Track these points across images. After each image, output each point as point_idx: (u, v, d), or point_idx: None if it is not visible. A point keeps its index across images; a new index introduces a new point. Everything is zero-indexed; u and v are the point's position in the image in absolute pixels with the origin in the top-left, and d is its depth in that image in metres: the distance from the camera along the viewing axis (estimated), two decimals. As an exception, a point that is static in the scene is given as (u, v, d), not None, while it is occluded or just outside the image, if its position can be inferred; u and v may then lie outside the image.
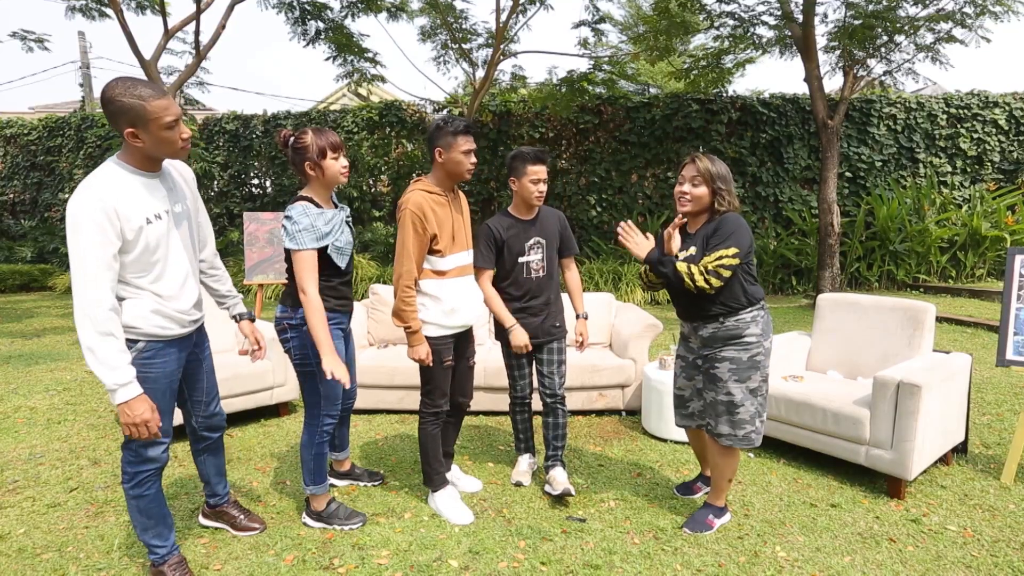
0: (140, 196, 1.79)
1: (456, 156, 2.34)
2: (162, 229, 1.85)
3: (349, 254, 2.36)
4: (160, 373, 1.91)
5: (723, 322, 2.25)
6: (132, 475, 1.95)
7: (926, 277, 8.69)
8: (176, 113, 1.76)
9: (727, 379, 2.25)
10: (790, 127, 9.33)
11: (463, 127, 2.34)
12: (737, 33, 7.79)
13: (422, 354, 2.36)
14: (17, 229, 11.53)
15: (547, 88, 8.78)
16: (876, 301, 3.29)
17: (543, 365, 2.71)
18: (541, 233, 2.66)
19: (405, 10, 8.43)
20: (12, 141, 11.88)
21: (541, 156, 2.58)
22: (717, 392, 2.28)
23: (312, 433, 2.35)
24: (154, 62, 7.27)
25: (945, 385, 2.73)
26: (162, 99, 1.72)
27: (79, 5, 8.52)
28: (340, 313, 2.38)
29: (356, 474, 2.84)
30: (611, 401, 3.76)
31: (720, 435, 2.30)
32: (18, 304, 8.57)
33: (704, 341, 2.32)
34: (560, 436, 2.77)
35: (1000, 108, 9.36)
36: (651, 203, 9.47)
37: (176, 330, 1.94)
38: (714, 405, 2.30)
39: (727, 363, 2.25)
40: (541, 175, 2.56)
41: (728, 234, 2.16)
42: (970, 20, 6.92)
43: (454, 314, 2.42)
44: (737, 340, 2.24)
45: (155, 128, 1.73)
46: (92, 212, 1.66)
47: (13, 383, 4.55)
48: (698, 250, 2.24)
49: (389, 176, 9.88)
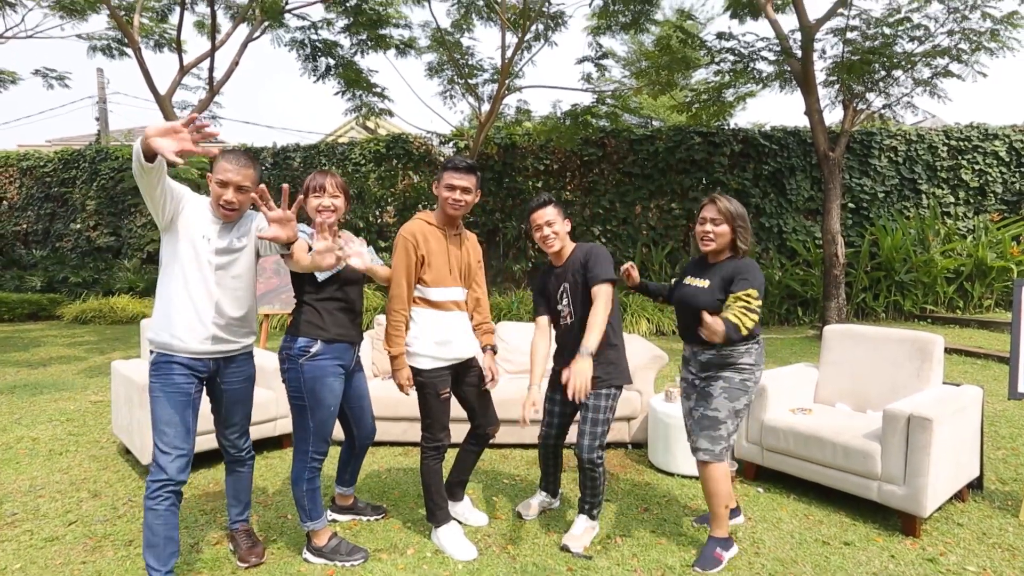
0: (205, 218, 2.13)
1: (441, 191, 2.43)
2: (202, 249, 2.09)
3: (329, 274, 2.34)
4: (166, 382, 2.06)
5: (720, 350, 2.39)
6: (149, 484, 2.04)
7: (933, 308, 8.63)
8: (228, 179, 2.08)
9: (717, 395, 2.37)
10: (792, 159, 9.42)
11: (451, 164, 2.41)
12: (737, 68, 7.95)
13: (403, 379, 2.40)
14: (28, 259, 11.68)
15: (551, 121, 8.94)
16: (883, 333, 3.26)
17: (580, 420, 2.49)
18: (566, 278, 2.55)
19: (413, 47, 8.68)
20: (28, 173, 12.14)
21: (539, 202, 2.54)
22: (706, 407, 2.39)
23: (301, 468, 2.32)
24: (169, 97, 7.48)
25: (957, 418, 2.69)
26: (229, 164, 2.09)
27: (100, 45, 8.83)
28: (343, 343, 2.33)
29: (359, 508, 2.79)
30: (617, 434, 3.71)
31: (698, 449, 2.37)
32: (26, 333, 8.62)
33: (702, 366, 2.47)
34: (589, 493, 2.52)
35: (1000, 140, 9.45)
36: (655, 234, 9.52)
37: (180, 348, 2.07)
38: (700, 420, 2.40)
39: (721, 382, 2.39)
40: (540, 219, 2.51)
41: (751, 278, 2.28)
42: (966, 56, 7.05)
43: (447, 346, 2.42)
44: (732, 366, 2.39)
45: (211, 180, 2.14)
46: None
47: (17, 413, 4.55)
48: (713, 284, 2.39)
49: (395, 207, 10.00)
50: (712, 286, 2.38)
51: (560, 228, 2.52)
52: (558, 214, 2.54)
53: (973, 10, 6.77)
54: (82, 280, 10.70)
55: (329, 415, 2.29)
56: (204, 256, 2.08)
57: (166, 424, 2.04)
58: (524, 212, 2.65)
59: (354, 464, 2.72)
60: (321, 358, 2.26)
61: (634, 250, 9.38)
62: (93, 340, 7.89)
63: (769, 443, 3.10)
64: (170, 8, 8.66)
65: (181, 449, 2.04)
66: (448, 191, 2.39)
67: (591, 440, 2.42)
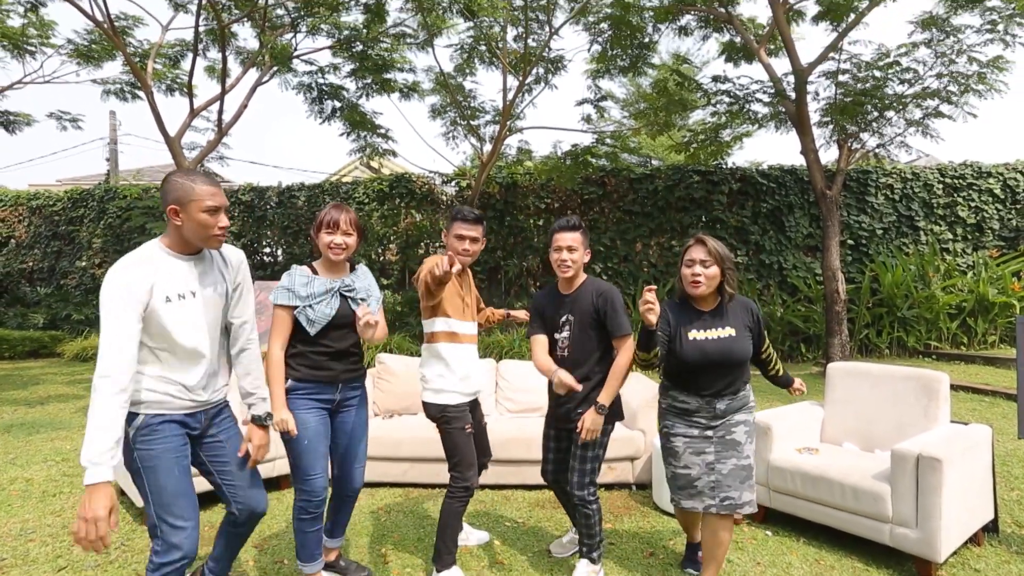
0: (167, 275, 1.85)
1: (451, 240, 2.54)
2: (182, 308, 1.87)
3: (322, 324, 2.29)
4: (162, 448, 1.84)
5: (738, 394, 2.35)
6: (157, 566, 1.81)
7: (937, 344, 8.58)
8: (220, 202, 1.85)
9: (744, 441, 2.30)
10: (790, 196, 9.55)
11: (460, 215, 2.52)
12: (733, 109, 8.15)
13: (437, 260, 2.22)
14: (32, 296, 11.73)
15: (552, 161, 9.10)
16: (888, 370, 3.24)
17: (572, 453, 2.47)
18: (572, 311, 2.47)
19: (417, 90, 8.93)
20: (37, 212, 12.32)
21: (567, 224, 2.46)
22: (739, 457, 2.29)
23: (296, 508, 2.32)
24: (178, 139, 7.65)
25: (967, 458, 2.64)
26: (211, 187, 1.84)
27: (114, 89, 9.10)
28: (315, 383, 2.31)
29: (340, 567, 2.59)
30: (620, 474, 3.64)
31: (743, 504, 2.26)
32: (25, 371, 8.58)
33: (719, 413, 2.33)
34: (585, 533, 2.48)
35: (994, 178, 9.58)
36: (656, 271, 9.56)
37: (175, 405, 1.89)
38: (735, 473, 2.27)
39: (742, 426, 2.32)
40: (563, 242, 2.44)
41: (762, 320, 2.39)
42: (955, 97, 7.22)
43: (468, 380, 2.53)
44: (745, 406, 2.38)
45: (195, 209, 1.82)
46: (115, 286, 1.75)
47: (12, 453, 4.48)
48: (738, 331, 2.31)
49: (398, 245, 10.09)
50: (740, 333, 2.31)
51: (579, 256, 2.48)
52: (582, 242, 2.48)
53: (960, 54, 6.98)
54: (84, 317, 10.71)
55: (305, 449, 2.26)
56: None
57: (176, 493, 1.83)
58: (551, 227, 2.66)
59: (338, 515, 2.54)
60: (293, 395, 2.28)
61: (635, 287, 9.40)
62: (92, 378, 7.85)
63: (776, 484, 3.03)
64: (182, 54, 8.96)
65: (187, 519, 1.84)
66: (458, 241, 2.52)
67: (580, 476, 2.42)
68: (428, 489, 3.67)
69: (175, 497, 1.83)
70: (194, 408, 1.94)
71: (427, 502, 3.48)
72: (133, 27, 8.36)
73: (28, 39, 8.29)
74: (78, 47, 8.54)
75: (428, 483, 3.68)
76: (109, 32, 7.11)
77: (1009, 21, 6.59)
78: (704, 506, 2.29)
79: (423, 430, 3.65)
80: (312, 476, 2.26)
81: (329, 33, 8.37)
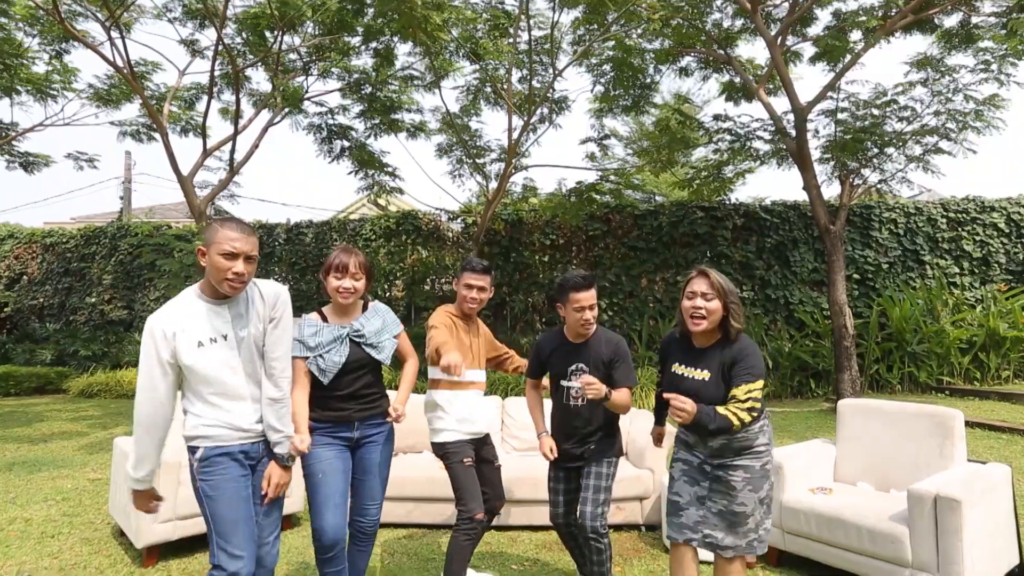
0: (197, 320, 1.96)
1: (460, 289, 2.66)
2: (215, 352, 1.95)
3: (334, 373, 2.29)
4: (222, 479, 1.93)
5: (735, 434, 2.18)
6: None
7: (950, 379, 8.44)
8: (238, 248, 1.89)
9: (741, 488, 2.16)
10: (794, 231, 9.59)
11: (470, 266, 2.65)
12: (735, 147, 8.29)
13: (452, 360, 2.28)
14: (41, 332, 11.80)
15: (557, 198, 9.22)
16: (899, 407, 3.19)
17: (582, 490, 2.49)
18: (586, 360, 2.49)
19: (424, 130, 9.15)
20: (50, 249, 12.52)
21: (585, 282, 2.44)
22: (730, 502, 2.17)
23: (314, 545, 2.28)
24: (191, 178, 7.83)
25: (987, 499, 2.57)
26: (235, 233, 1.90)
27: (130, 130, 9.39)
28: (331, 423, 2.33)
29: None
30: (629, 515, 3.56)
31: (725, 547, 2.17)
32: (30, 407, 8.56)
33: (714, 451, 2.23)
34: (596, 571, 2.45)
35: (997, 212, 9.61)
36: (662, 307, 9.54)
37: (231, 438, 1.97)
38: (722, 515, 2.18)
39: (741, 471, 2.17)
40: (585, 302, 2.42)
41: (751, 365, 2.13)
42: (954, 134, 7.33)
43: (467, 423, 2.58)
44: (748, 450, 2.20)
45: (214, 251, 1.89)
46: (145, 334, 1.92)
47: (13, 492, 4.44)
48: (713, 375, 2.18)
49: (404, 281, 10.15)
50: (713, 377, 2.17)
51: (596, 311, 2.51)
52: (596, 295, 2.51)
53: (956, 93, 7.11)
54: (92, 353, 10.74)
55: (319, 483, 2.25)
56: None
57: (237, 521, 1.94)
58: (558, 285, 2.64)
59: (354, 561, 2.40)
60: (312, 433, 2.28)
61: (641, 323, 9.37)
62: (97, 415, 7.81)
63: (790, 526, 2.95)
64: (198, 97, 9.25)
65: (244, 550, 1.92)
66: (467, 290, 2.65)
67: (594, 507, 2.42)
68: (434, 530, 3.59)
69: (234, 526, 1.90)
70: (250, 439, 2.03)
71: (432, 543, 3.40)
72: (151, 72, 8.68)
73: (51, 84, 8.60)
74: (98, 91, 8.85)
75: (433, 523, 3.60)
76: (129, 77, 7.37)
77: (1002, 61, 6.74)
78: (684, 538, 2.22)
79: (429, 468, 3.60)
80: (325, 511, 2.21)
81: (339, 76, 8.65)
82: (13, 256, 12.73)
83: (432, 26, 6.43)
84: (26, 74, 8.12)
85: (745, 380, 2.11)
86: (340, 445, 2.32)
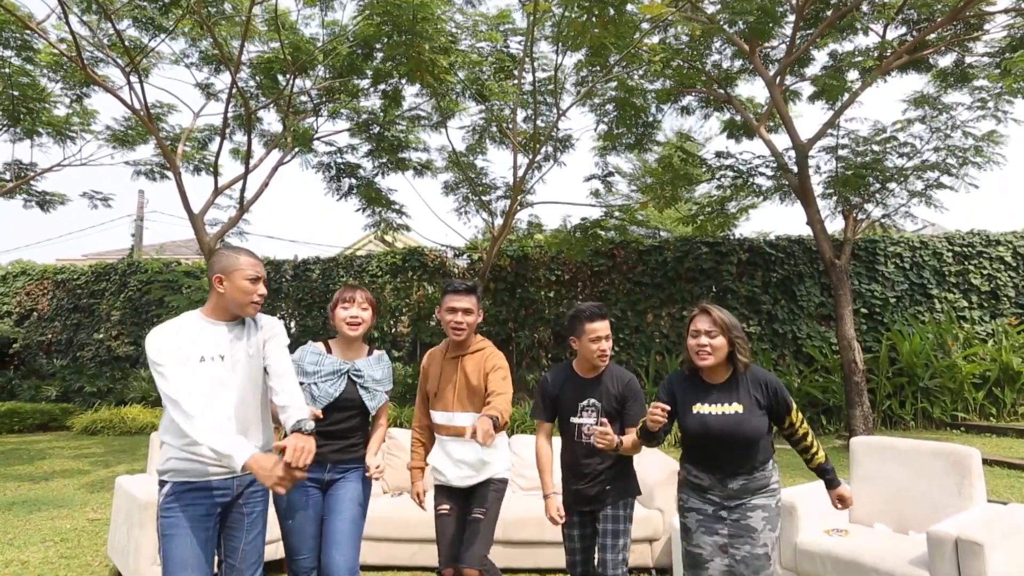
0: (199, 337, 1.96)
1: (443, 315, 2.48)
2: (212, 368, 1.95)
3: (324, 404, 2.26)
4: (182, 517, 1.84)
5: (754, 474, 2.18)
6: None
7: (965, 415, 8.27)
8: (260, 272, 2.02)
9: (762, 528, 2.13)
10: (799, 266, 9.58)
11: (450, 287, 2.47)
12: (737, 183, 8.38)
13: (413, 493, 2.58)
14: (48, 368, 11.82)
15: (562, 234, 9.31)
16: (914, 445, 3.12)
17: (599, 536, 2.39)
18: (598, 395, 2.42)
19: (430, 168, 9.33)
20: (61, 286, 12.66)
21: (600, 311, 2.40)
22: (754, 545, 2.12)
23: None
24: (201, 216, 7.97)
25: (1010, 542, 2.49)
26: (253, 259, 2.02)
27: (145, 169, 9.63)
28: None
29: None
30: (638, 558, 3.45)
31: None
32: (33, 445, 8.50)
33: (733, 493, 2.19)
34: None
35: (1003, 246, 9.59)
36: (668, 342, 9.48)
37: (202, 472, 1.90)
38: (749, 562, 2.11)
39: (760, 511, 2.15)
40: (602, 331, 2.38)
41: (784, 388, 2.25)
42: (955, 169, 7.40)
43: (436, 471, 2.50)
44: (764, 488, 2.20)
45: (238, 277, 1.97)
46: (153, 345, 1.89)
47: (11, 532, 4.37)
48: (747, 406, 2.17)
49: (409, 317, 10.17)
50: (748, 409, 2.17)
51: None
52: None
53: (954, 129, 7.22)
54: (97, 389, 10.73)
55: (290, 528, 2.24)
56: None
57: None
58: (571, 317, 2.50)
59: None
60: None
61: (648, 358, 9.30)
62: (99, 452, 7.74)
63: (805, 569, 2.86)
64: (210, 137, 9.51)
65: None
66: (450, 314, 2.43)
67: (614, 555, 2.34)
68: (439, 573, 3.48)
69: (181, 568, 1.81)
70: (223, 473, 1.93)
71: (436, 588, 3.30)
72: (167, 114, 8.96)
73: (71, 127, 8.87)
74: (115, 132, 9.12)
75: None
76: (145, 120, 7.60)
77: (999, 99, 6.86)
78: None
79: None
80: (299, 557, 2.21)
81: (348, 116, 8.89)
82: (24, 293, 12.87)
83: (439, 69, 6.64)
84: (48, 117, 8.38)
85: (790, 403, 2.24)
86: (310, 487, 2.26)
